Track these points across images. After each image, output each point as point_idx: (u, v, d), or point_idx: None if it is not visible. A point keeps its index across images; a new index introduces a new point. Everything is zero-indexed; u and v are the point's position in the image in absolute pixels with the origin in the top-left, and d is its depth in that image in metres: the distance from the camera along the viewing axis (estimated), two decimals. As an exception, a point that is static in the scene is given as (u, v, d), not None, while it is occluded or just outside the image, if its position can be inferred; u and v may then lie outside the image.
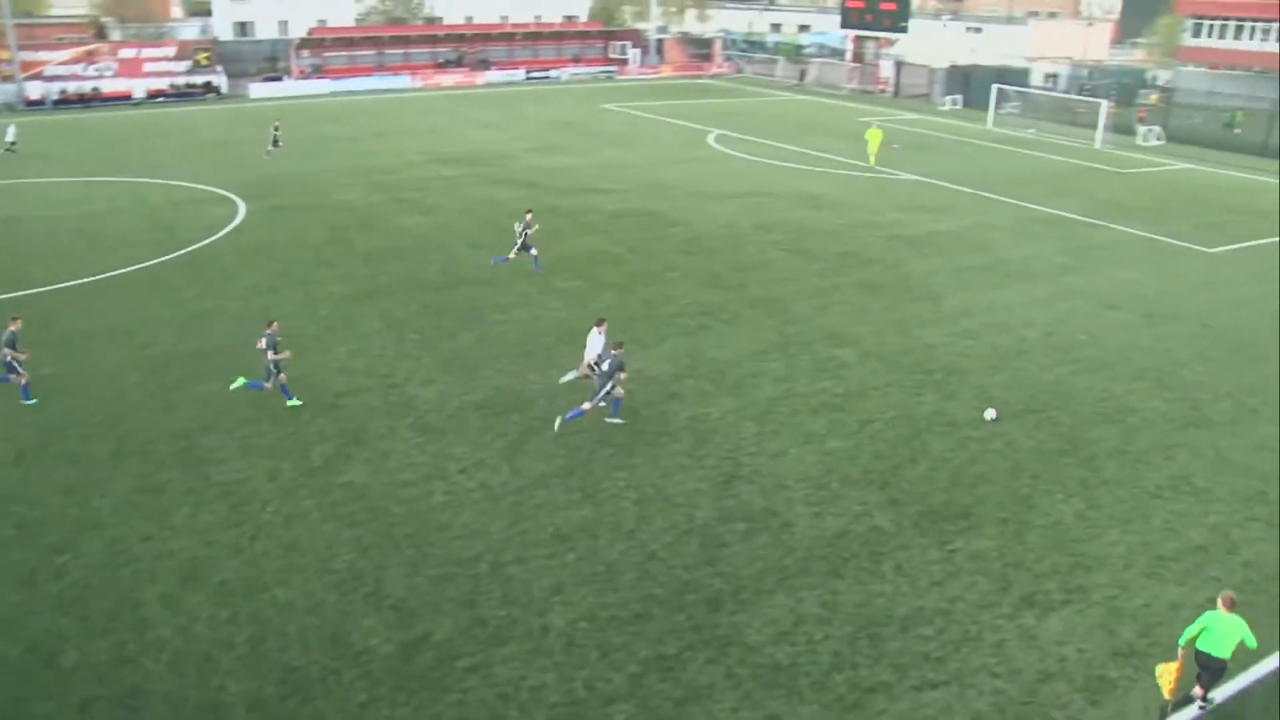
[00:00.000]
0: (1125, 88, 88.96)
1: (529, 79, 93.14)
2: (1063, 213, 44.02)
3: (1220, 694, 14.05)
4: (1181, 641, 13.71)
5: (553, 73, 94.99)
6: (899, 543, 17.85)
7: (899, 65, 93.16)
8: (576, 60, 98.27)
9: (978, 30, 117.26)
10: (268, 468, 19.86)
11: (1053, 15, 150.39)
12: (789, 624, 15.55)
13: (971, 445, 21.62)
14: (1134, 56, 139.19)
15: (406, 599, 15.90)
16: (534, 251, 32.42)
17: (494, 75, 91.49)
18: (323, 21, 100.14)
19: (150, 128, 63.64)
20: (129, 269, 32.42)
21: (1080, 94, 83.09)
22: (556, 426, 21.52)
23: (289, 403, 22.63)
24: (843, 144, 60.84)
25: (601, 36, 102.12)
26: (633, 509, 18.72)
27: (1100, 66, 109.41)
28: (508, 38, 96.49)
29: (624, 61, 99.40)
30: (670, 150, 57.09)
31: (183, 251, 34.42)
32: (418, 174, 48.37)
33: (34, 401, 22.42)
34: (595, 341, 22.77)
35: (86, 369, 23.99)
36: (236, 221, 38.73)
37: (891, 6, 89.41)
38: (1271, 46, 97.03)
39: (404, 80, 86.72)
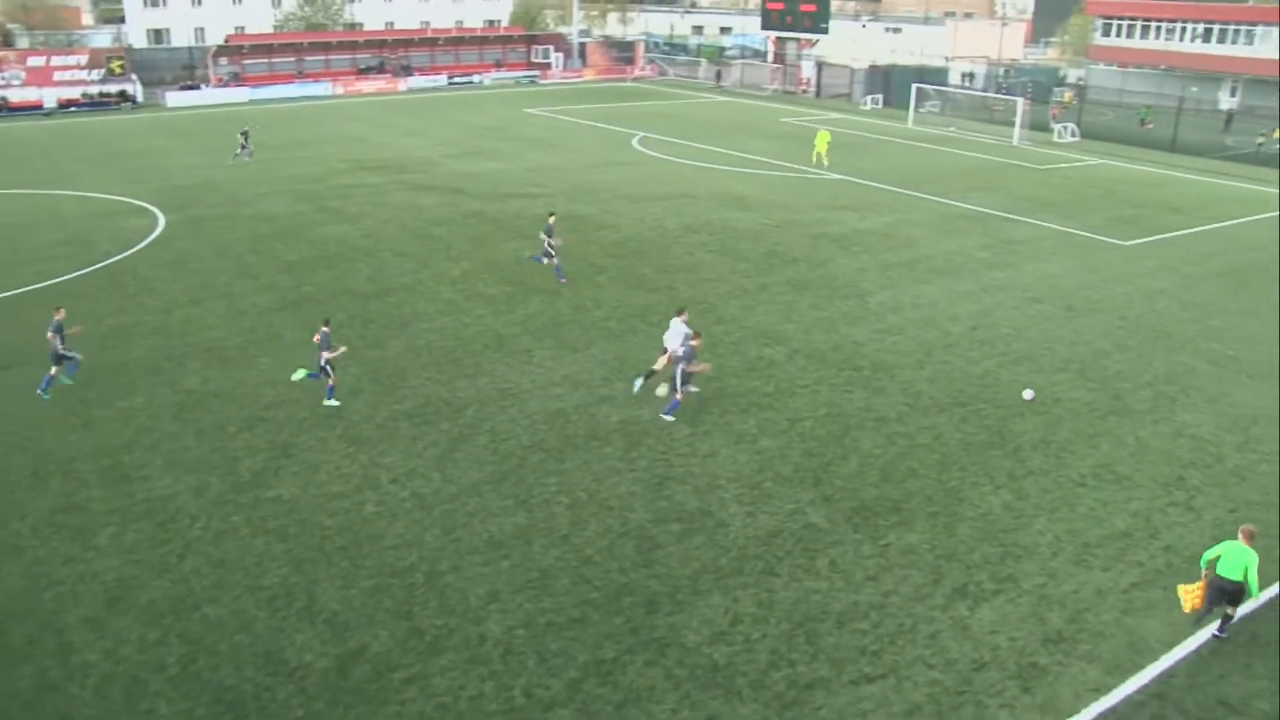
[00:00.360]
0: (1040, 86, 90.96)
1: (452, 84, 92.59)
2: (984, 209, 44.79)
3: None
4: (1203, 563, 15.50)
5: (476, 78, 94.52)
6: (832, 539, 18.00)
7: (820, 66, 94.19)
8: (499, 65, 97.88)
9: (897, 31, 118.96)
10: (194, 483, 19.47)
11: (969, 16, 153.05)
12: (726, 624, 15.60)
13: (901, 440, 21.88)
14: (1047, 55, 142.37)
15: (341, 612, 15.68)
16: (549, 260, 32.40)
17: (416, 81, 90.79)
18: (240, 28, 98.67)
19: (63, 138, 62.17)
20: (44, 284, 31.61)
21: (997, 92, 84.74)
22: (667, 412, 22.58)
23: (327, 402, 22.82)
24: (767, 144, 61.32)
25: (524, 41, 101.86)
26: (566, 514, 18.66)
27: (1016, 65, 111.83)
28: (429, 43, 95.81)
29: (547, 66, 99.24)
30: (595, 153, 57.09)
31: (100, 265, 33.65)
32: (341, 182, 47.81)
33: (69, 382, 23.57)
34: (675, 329, 23.14)
35: (1, 387, 23.34)
36: (155, 233, 37.96)
37: (811, 8, 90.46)
38: (1176, 45, 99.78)
39: (325, 87, 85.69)
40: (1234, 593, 15.18)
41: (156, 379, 24.25)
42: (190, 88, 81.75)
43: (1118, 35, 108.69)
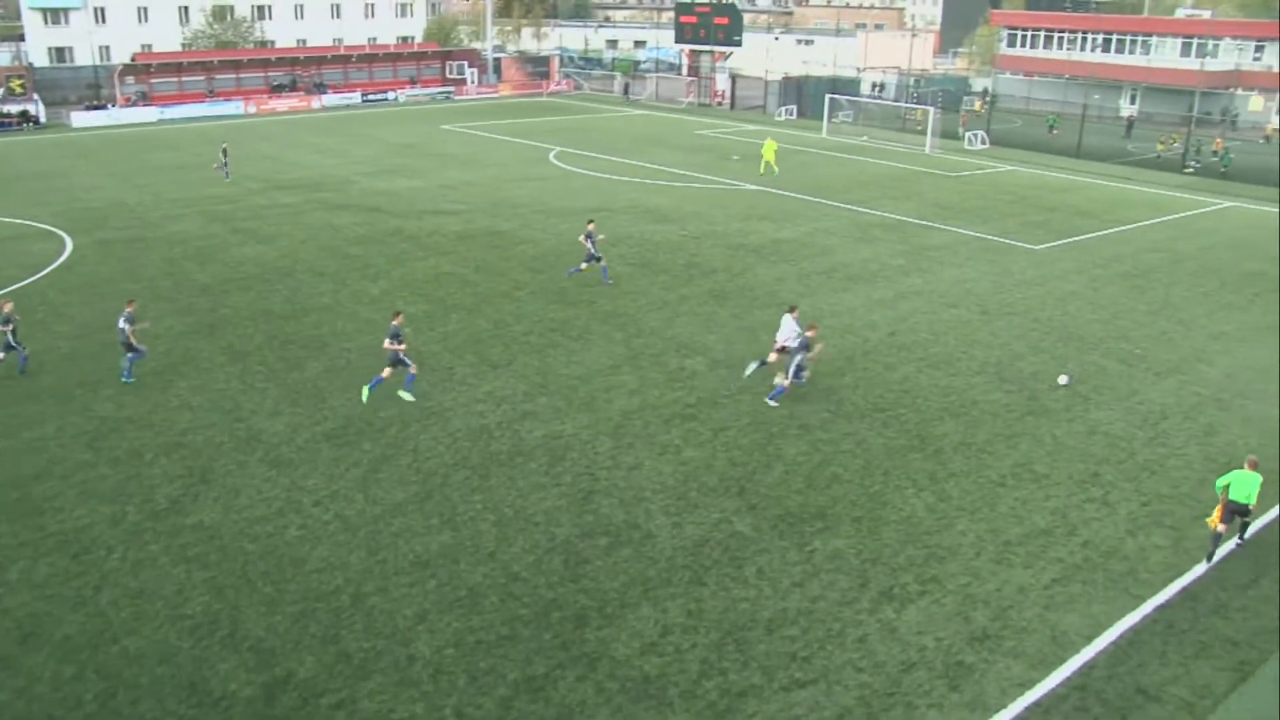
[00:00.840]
0: (950, 95, 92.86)
1: (366, 102, 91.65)
2: (898, 216, 45.52)
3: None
4: (1217, 489, 18.36)
5: (390, 95, 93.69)
6: (759, 547, 18.11)
7: (734, 78, 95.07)
8: (414, 82, 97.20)
9: (809, 43, 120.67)
10: (109, 513, 18.97)
11: (879, 27, 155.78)
12: (656, 635, 15.60)
13: (824, 447, 22.10)
14: (956, 65, 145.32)
15: (266, 639, 15.38)
16: (603, 262, 33.91)
17: (330, 99, 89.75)
18: (147, 46, 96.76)
19: (-36, 163, 60.37)
20: (-53, 312, 30.61)
21: (909, 102, 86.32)
22: (769, 399, 24.33)
23: (404, 394, 24.03)
24: (683, 157, 61.68)
25: (438, 57, 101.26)
26: (492, 531, 18.53)
27: (926, 75, 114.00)
28: (343, 60, 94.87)
29: (462, 81, 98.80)
30: (513, 169, 56.93)
31: (5, 290, 32.69)
32: (255, 202, 47.04)
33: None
34: (788, 325, 24.89)
35: (-96, 420, 22.57)
36: (64, 257, 37.01)
37: (724, 21, 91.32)
38: (1078, 55, 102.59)
39: (237, 106, 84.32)
40: (1245, 511, 18.21)
41: (68, 407, 23.60)
42: (96, 108, 79.86)
43: (1023, 45, 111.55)
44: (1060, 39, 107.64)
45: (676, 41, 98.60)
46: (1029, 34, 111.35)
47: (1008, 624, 16.03)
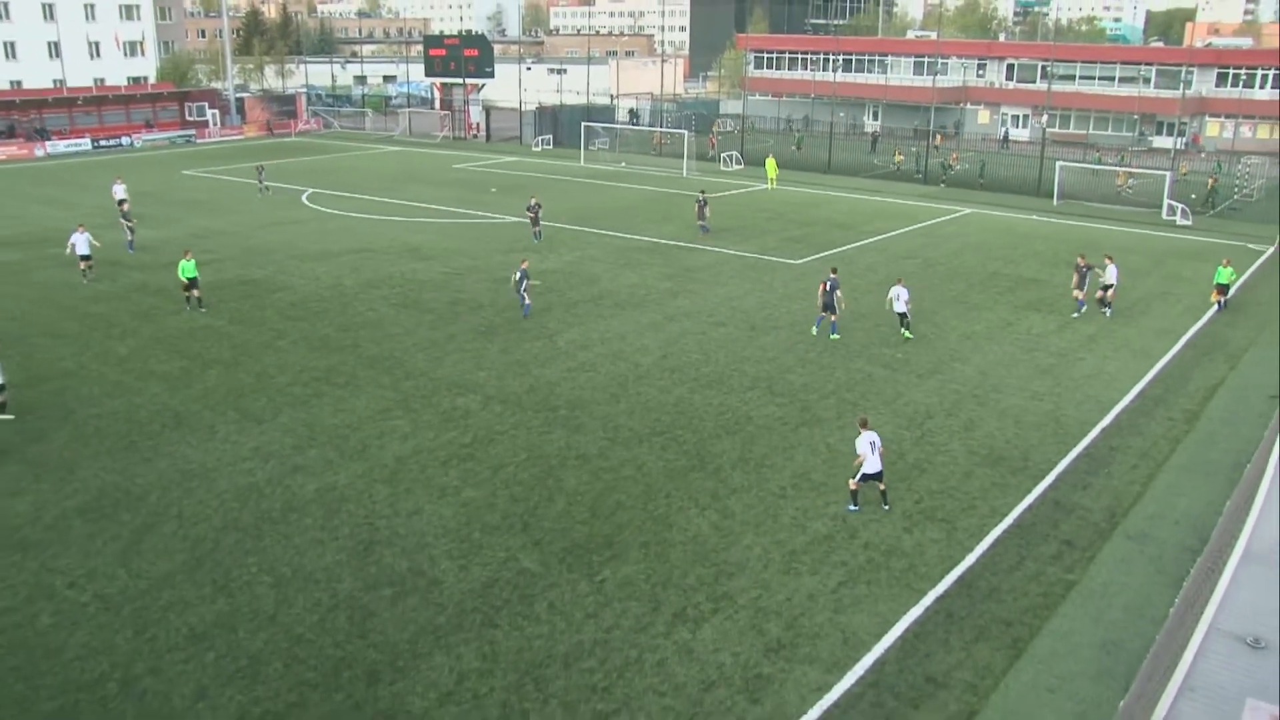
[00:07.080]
0: (704, 119, 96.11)
1: (98, 148, 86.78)
2: (662, 240, 46.64)
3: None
4: (1214, 284, 35.73)
5: (125, 140, 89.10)
6: (548, 582, 18.12)
7: (488, 110, 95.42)
8: (150, 125, 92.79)
9: (562, 71, 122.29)
10: None
11: (630, 54, 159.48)
12: (451, 683, 15.37)
13: (605, 475, 22.34)
14: (707, 89, 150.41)
15: (20, 739, 14.28)
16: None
17: (56, 146, 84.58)
18: None
19: None
20: None
21: (664, 127, 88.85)
22: None
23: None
24: (441, 192, 61.40)
25: (176, 98, 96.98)
26: (270, 593, 17.84)
27: (679, 99, 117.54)
28: (66, 104, 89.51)
29: (204, 124, 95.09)
30: (263, 214, 55.17)
31: None
32: (-26, 264, 43.84)
33: None
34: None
35: None
36: None
37: (474, 53, 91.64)
38: (822, 75, 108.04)
39: (-58, 157, 78.39)
40: (1226, 290, 35.33)
41: None
42: None
43: (769, 67, 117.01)
44: (804, 60, 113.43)
45: (427, 75, 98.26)
46: (774, 56, 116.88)
47: (800, 631, 16.59)
